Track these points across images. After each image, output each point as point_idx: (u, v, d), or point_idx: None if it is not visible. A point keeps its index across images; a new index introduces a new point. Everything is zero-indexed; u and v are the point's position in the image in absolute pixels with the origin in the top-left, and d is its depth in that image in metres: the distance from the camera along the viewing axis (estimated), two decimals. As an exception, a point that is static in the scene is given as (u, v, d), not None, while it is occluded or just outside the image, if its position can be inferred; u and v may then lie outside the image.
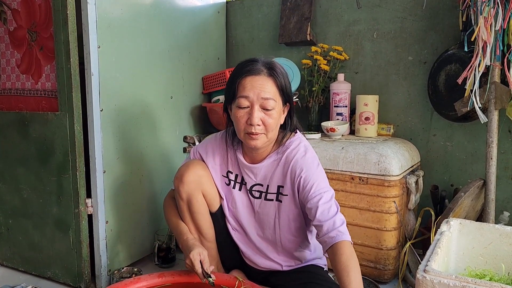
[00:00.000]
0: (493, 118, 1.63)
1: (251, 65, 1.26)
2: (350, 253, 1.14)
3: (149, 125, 1.97)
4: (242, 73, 1.26)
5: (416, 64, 2.04)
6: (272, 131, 1.27)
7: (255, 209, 1.40)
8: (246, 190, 1.41)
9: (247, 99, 1.23)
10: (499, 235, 1.32)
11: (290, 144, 1.34)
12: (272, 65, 1.27)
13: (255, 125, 1.23)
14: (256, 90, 1.23)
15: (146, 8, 1.89)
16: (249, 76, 1.24)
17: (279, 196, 1.35)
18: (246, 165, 1.38)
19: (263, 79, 1.24)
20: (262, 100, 1.23)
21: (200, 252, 1.29)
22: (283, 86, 1.27)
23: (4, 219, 1.95)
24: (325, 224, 1.18)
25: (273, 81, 1.25)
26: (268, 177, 1.36)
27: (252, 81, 1.23)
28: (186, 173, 1.38)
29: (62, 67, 1.64)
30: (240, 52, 2.54)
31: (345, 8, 2.19)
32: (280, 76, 1.26)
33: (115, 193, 1.81)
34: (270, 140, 1.30)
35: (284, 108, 1.32)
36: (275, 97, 1.25)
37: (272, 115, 1.24)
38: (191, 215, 1.42)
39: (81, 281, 1.75)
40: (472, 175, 1.95)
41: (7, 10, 1.82)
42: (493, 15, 1.51)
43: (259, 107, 1.23)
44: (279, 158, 1.33)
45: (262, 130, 1.25)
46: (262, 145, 1.28)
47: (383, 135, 2.08)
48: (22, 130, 1.81)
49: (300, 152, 1.31)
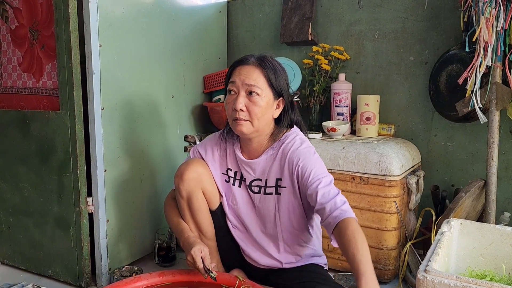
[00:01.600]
0: (494, 118, 1.63)
1: (243, 57, 1.34)
2: (356, 228, 1.12)
3: (150, 124, 1.97)
4: (234, 64, 1.36)
5: (417, 64, 2.04)
6: (258, 120, 1.30)
7: (255, 204, 1.41)
8: (246, 186, 1.42)
9: (233, 85, 1.31)
10: (499, 236, 1.32)
11: (285, 138, 1.37)
12: (263, 58, 1.33)
13: (238, 110, 1.28)
14: (242, 76, 1.30)
15: (147, 7, 1.89)
16: (238, 65, 1.33)
17: (278, 189, 1.37)
18: (244, 161, 1.40)
19: (250, 68, 1.30)
20: (246, 86, 1.28)
21: (201, 248, 1.30)
22: (271, 77, 1.30)
23: (5, 217, 1.96)
24: (327, 206, 1.18)
25: (260, 71, 1.30)
26: (266, 171, 1.38)
27: (240, 69, 1.32)
28: (186, 171, 1.39)
29: (64, 66, 1.65)
30: (241, 51, 2.54)
31: (347, 8, 2.19)
32: (269, 68, 1.31)
33: (116, 192, 1.81)
34: (258, 130, 1.32)
35: (277, 102, 1.34)
36: (261, 85, 1.29)
37: (256, 102, 1.28)
38: (191, 213, 1.43)
39: (82, 279, 1.75)
40: (473, 175, 1.95)
41: (9, 8, 1.83)
42: (494, 15, 1.51)
43: (244, 93, 1.29)
44: (275, 152, 1.36)
45: (246, 117, 1.29)
46: (248, 132, 1.31)
47: (384, 135, 2.08)
48: (23, 129, 1.81)
49: (296, 143, 1.34)
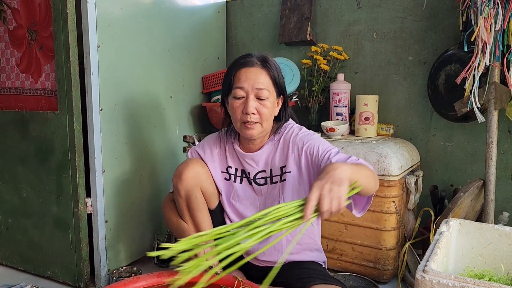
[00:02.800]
0: (493, 118, 1.63)
1: (246, 58, 1.33)
2: (366, 167, 1.12)
3: (149, 124, 1.97)
4: (237, 65, 1.33)
5: (416, 64, 2.04)
6: (267, 121, 1.32)
7: (262, 197, 1.42)
8: (248, 181, 1.43)
9: (242, 89, 1.30)
10: (498, 236, 1.32)
11: (284, 129, 1.40)
12: (265, 58, 1.33)
13: (250, 113, 1.29)
14: (251, 81, 1.29)
15: (146, 7, 1.89)
16: (243, 68, 1.31)
17: (283, 176, 1.38)
18: (246, 155, 1.41)
19: (257, 71, 1.30)
20: (256, 90, 1.29)
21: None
22: (276, 78, 1.33)
23: (3, 218, 1.95)
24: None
25: (266, 73, 1.31)
26: (269, 161, 1.39)
27: (247, 72, 1.30)
28: (185, 171, 1.39)
29: (62, 66, 1.64)
30: (240, 51, 2.53)
31: (345, 8, 2.19)
32: (273, 68, 1.33)
33: (114, 193, 1.81)
34: (265, 130, 1.35)
35: (278, 100, 1.37)
36: (269, 87, 1.31)
37: (266, 104, 1.30)
38: (189, 212, 1.43)
39: (81, 280, 1.75)
40: (471, 175, 1.95)
41: (7, 9, 1.82)
42: (493, 15, 1.51)
43: (254, 97, 1.30)
44: (276, 143, 1.39)
45: (257, 119, 1.31)
46: (257, 134, 1.34)
47: (382, 135, 2.08)
48: (22, 129, 1.80)
49: (295, 131, 1.38)
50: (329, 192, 0.90)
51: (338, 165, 0.98)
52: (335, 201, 0.90)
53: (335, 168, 0.96)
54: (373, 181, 1.10)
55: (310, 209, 0.89)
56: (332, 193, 0.90)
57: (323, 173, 0.96)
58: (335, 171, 0.95)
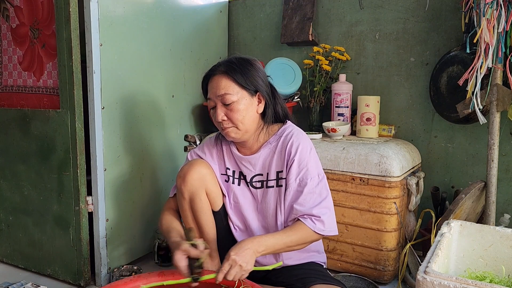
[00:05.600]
0: (495, 120, 1.63)
1: (211, 68, 1.35)
2: (299, 228, 1.25)
3: (150, 123, 1.97)
4: (205, 77, 1.36)
5: (418, 66, 2.04)
6: (242, 123, 1.31)
7: (258, 200, 1.41)
8: (246, 183, 1.42)
9: (210, 100, 1.33)
10: (499, 237, 1.32)
11: (283, 131, 1.38)
12: (228, 61, 1.33)
13: (220, 121, 1.31)
14: (214, 89, 1.31)
15: (148, 6, 1.89)
16: (209, 78, 1.34)
17: (279, 181, 1.37)
18: (243, 158, 1.40)
19: (217, 78, 1.31)
20: (220, 98, 1.30)
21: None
22: (239, 79, 1.30)
23: (4, 215, 1.96)
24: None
25: (227, 77, 1.30)
26: (267, 165, 1.38)
27: (211, 82, 1.33)
28: (190, 172, 1.38)
29: (64, 65, 1.65)
30: (242, 51, 2.53)
31: (348, 9, 2.19)
32: (235, 70, 1.30)
33: (115, 191, 1.81)
34: (247, 130, 1.33)
35: (255, 98, 1.34)
36: (232, 91, 1.29)
37: (233, 108, 1.29)
38: (193, 214, 1.42)
39: (81, 278, 1.75)
40: (473, 177, 1.95)
41: (10, 7, 1.83)
42: (496, 17, 1.51)
43: (221, 104, 1.31)
44: (274, 146, 1.37)
45: (229, 124, 1.32)
46: (238, 136, 1.33)
47: (384, 136, 2.08)
48: (24, 127, 1.81)
49: (294, 139, 1.36)
50: (239, 268, 1.13)
51: (254, 245, 1.18)
52: (240, 274, 1.14)
53: (249, 248, 1.17)
54: (296, 247, 1.26)
55: (221, 275, 1.14)
56: (241, 269, 1.14)
57: (241, 246, 1.17)
58: (249, 251, 1.16)
